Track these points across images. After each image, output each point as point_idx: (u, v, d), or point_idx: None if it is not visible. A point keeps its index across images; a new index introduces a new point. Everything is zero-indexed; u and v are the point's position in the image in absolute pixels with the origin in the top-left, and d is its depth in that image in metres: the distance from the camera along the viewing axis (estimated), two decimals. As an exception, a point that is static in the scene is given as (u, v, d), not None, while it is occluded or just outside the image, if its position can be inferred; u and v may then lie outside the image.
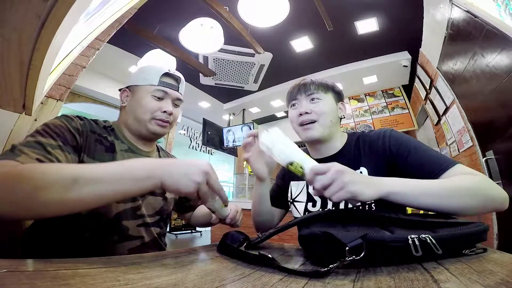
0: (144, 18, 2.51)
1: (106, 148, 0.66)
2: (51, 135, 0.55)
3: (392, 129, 0.71)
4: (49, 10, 0.38)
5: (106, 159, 0.64)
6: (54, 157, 0.52)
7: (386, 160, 0.65)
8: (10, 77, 0.56)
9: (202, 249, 0.58)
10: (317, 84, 0.75)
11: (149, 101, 0.72)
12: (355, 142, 0.74)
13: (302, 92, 0.76)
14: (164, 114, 0.73)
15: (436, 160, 0.58)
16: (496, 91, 1.62)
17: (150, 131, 0.73)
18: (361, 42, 3.23)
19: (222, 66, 3.69)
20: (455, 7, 1.95)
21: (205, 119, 4.90)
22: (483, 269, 0.33)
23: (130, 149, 0.72)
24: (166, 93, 0.74)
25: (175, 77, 0.78)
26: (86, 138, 0.62)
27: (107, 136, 0.68)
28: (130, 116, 0.73)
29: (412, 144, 0.64)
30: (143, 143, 0.77)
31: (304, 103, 0.74)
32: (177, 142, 5.98)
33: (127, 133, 0.75)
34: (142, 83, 0.74)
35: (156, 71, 0.74)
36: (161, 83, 0.74)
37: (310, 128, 0.72)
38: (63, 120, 0.60)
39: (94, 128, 0.66)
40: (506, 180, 1.66)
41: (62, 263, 0.34)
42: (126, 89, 0.76)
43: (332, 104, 0.76)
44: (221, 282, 0.32)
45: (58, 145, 0.54)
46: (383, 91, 4.29)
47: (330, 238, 0.40)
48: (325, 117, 0.72)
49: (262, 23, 2.19)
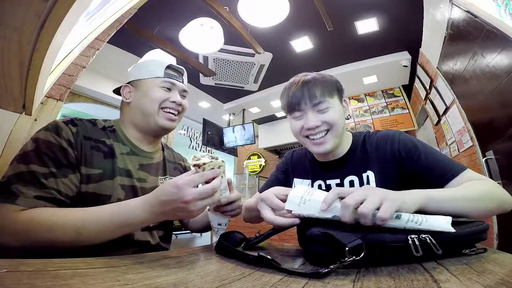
0: (144, 18, 2.52)
1: (105, 154, 0.64)
2: (42, 159, 0.53)
3: (401, 132, 0.69)
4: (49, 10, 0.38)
5: (107, 166, 0.63)
6: (51, 188, 0.52)
7: (394, 163, 0.64)
8: (10, 77, 0.55)
9: (202, 249, 0.58)
10: (322, 88, 0.66)
11: (157, 91, 0.71)
12: (361, 144, 0.71)
13: (306, 101, 0.65)
14: (174, 104, 0.73)
15: (446, 165, 0.58)
16: (496, 91, 1.62)
17: (159, 124, 0.71)
18: (361, 42, 3.23)
19: (222, 66, 3.69)
20: (455, 7, 1.95)
21: (205, 119, 4.90)
22: (483, 269, 0.33)
23: (132, 151, 0.71)
24: (173, 84, 0.74)
25: (178, 69, 0.77)
26: (81, 148, 0.60)
27: (105, 140, 0.66)
28: (137, 110, 0.72)
29: (421, 148, 0.63)
30: (148, 141, 0.75)
31: (310, 115, 0.65)
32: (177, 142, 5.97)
33: (131, 132, 0.73)
34: (147, 76, 0.72)
35: (160, 64, 0.74)
36: (167, 74, 0.73)
37: (321, 142, 0.65)
38: (53, 134, 0.57)
39: (90, 133, 0.63)
40: (506, 180, 1.66)
41: (62, 263, 0.34)
42: (128, 84, 0.74)
43: (340, 108, 0.68)
44: (221, 282, 0.32)
45: (50, 172, 0.53)
46: (383, 91, 4.29)
47: (330, 239, 0.40)
48: (337, 126, 0.65)
49: (262, 23, 2.19)
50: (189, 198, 0.46)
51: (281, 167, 0.87)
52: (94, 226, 0.48)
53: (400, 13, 2.71)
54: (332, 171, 0.72)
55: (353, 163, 0.69)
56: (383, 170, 0.64)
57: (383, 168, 0.65)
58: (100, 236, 0.48)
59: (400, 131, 0.70)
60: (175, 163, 0.87)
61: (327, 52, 3.47)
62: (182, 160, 0.92)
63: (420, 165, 0.61)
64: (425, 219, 0.39)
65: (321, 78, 0.68)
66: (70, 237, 0.46)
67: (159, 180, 0.75)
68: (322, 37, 3.15)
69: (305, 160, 0.81)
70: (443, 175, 0.57)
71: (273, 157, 6.32)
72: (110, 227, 0.48)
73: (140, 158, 0.72)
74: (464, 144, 2.29)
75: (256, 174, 6.36)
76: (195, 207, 0.47)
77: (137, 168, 0.70)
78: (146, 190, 0.70)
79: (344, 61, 3.76)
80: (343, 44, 3.31)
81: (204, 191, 0.48)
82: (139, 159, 0.72)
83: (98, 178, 0.60)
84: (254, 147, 6.11)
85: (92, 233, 0.47)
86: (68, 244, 0.46)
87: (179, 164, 0.89)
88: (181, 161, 0.91)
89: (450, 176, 0.56)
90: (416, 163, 0.61)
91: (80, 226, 0.47)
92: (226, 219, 0.63)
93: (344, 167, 0.70)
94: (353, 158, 0.70)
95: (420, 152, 0.62)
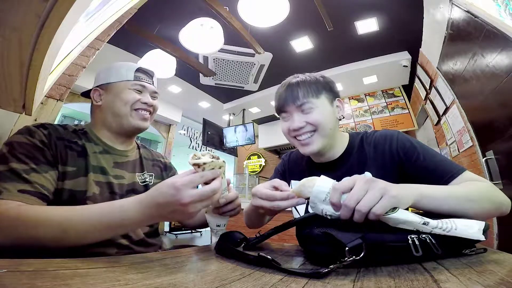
0: (144, 18, 2.51)
1: (78, 153, 0.65)
2: (20, 158, 0.54)
3: (399, 132, 0.68)
4: (49, 10, 0.38)
5: (80, 164, 0.64)
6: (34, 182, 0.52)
7: (393, 164, 0.64)
8: (10, 77, 0.55)
9: (202, 249, 0.58)
10: (305, 89, 0.66)
11: (128, 93, 0.73)
12: (358, 144, 0.71)
13: (289, 102, 0.66)
14: (145, 105, 0.75)
15: (445, 166, 0.58)
16: (496, 91, 1.62)
17: (132, 124, 0.73)
18: (361, 42, 3.23)
19: (222, 66, 3.69)
20: (455, 7, 1.95)
21: (205, 119, 4.90)
22: (483, 269, 0.33)
23: (105, 150, 0.72)
24: (144, 87, 0.77)
25: (148, 72, 0.80)
26: (56, 147, 0.61)
27: (77, 141, 0.67)
28: (108, 113, 0.73)
29: (420, 148, 0.63)
30: (122, 141, 0.77)
31: (295, 116, 0.66)
32: (177, 142, 5.98)
33: (103, 134, 0.74)
34: (117, 79, 0.74)
35: (128, 67, 0.76)
36: (137, 77, 0.76)
37: (308, 143, 0.66)
38: (26, 136, 0.58)
39: (61, 134, 0.65)
40: (506, 180, 1.66)
41: (62, 263, 0.34)
42: (98, 88, 0.75)
43: (327, 108, 0.67)
44: (221, 282, 0.32)
45: (31, 168, 0.54)
46: (383, 91, 4.29)
47: (330, 238, 0.40)
48: (322, 127, 0.65)
49: (262, 23, 2.19)
50: (188, 200, 0.43)
51: (279, 170, 0.87)
52: (81, 225, 0.45)
53: (400, 13, 2.71)
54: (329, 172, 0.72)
55: (351, 163, 0.69)
56: (382, 171, 0.64)
57: (382, 169, 0.64)
58: (88, 236, 0.46)
59: (399, 131, 0.70)
60: (154, 160, 0.88)
61: (327, 52, 3.47)
62: (161, 157, 0.93)
63: (418, 166, 0.60)
64: (455, 226, 0.37)
65: (307, 79, 0.68)
66: (55, 236, 0.44)
67: (137, 176, 0.76)
68: (322, 37, 3.15)
69: (301, 161, 0.81)
70: (442, 177, 0.57)
71: (273, 157, 6.32)
72: (98, 227, 0.46)
73: (114, 156, 0.73)
74: (464, 144, 2.29)
75: (256, 174, 6.36)
76: (194, 209, 0.44)
77: (112, 166, 0.71)
78: (124, 186, 0.72)
79: (344, 61, 3.76)
80: (343, 44, 3.31)
81: (204, 193, 0.45)
82: (113, 157, 0.73)
83: (73, 175, 0.62)
84: (254, 147, 6.11)
85: (79, 233, 0.45)
86: (52, 242, 0.44)
87: (158, 160, 0.89)
88: (161, 158, 0.92)
89: (449, 178, 0.56)
90: (414, 164, 0.61)
91: (67, 224, 0.45)
92: (225, 219, 0.62)
93: (341, 168, 0.70)
94: (350, 159, 0.70)
95: (419, 153, 0.62)
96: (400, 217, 0.38)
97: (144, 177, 0.78)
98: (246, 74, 3.90)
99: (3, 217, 0.45)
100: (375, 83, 4.11)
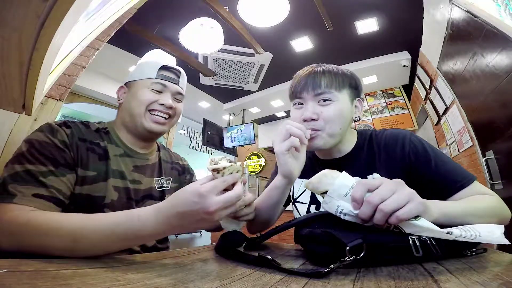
0: (144, 18, 2.51)
1: (100, 156, 0.63)
2: (39, 159, 0.51)
3: (411, 133, 0.65)
4: (49, 10, 0.38)
5: (101, 168, 0.62)
6: (50, 186, 0.50)
7: (403, 167, 0.61)
8: (10, 77, 0.55)
9: (202, 249, 0.58)
10: (330, 79, 0.61)
11: (145, 93, 0.68)
12: (367, 143, 0.68)
13: (309, 89, 0.61)
14: (162, 107, 0.69)
15: (456, 174, 0.58)
16: (496, 91, 1.62)
17: (145, 127, 0.68)
18: (361, 42, 3.22)
19: (222, 66, 3.68)
20: (455, 7, 1.95)
21: (205, 119, 4.90)
22: (483, 269, 0.33)
23: (126, 153, 0.70)
24: (164, 86, 0.71)
25: (174, 71, 0.74)
26: (77, 150, 0.58)
27: (99, 142, 0.65)
28: (126, 112, 0.70)
29: (431, 153, 0.60)
30: (141, 144, 0.74)
31: (310, 105, 0.61)
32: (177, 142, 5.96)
33: (123, 134, 0.72)
34: (139, 77, 0.71)
35: (153, 65, 0.72)
36: (159, 76, 0.70)
37: (314, 137, 0.62)
38: (48, 134, 0.55)
39: (84, 135, 0.63)
40: (506, 180, 1.66)
41: (62, 263, 0.35)
42: (124, 86, 0.73)
43: (346, 106, 0.63)
44: (221, 282, 0.32)
45: (49, 170, 0.51)
46: (383, 91, 4.28)
47: (330, 238, 0.40)
48: (333, 125, 0.61)
49: (262, 23, 2.19)
50: (215, 208, 0.39)
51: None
52: (94, 235, 0.41)
53: (400, 13, 2.71)
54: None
55: (358, 163, 0.66)
56: (391, 173, 0.60)
57: (391, 171, 0.61)
58: (100, 246, 0.42)
59: (411, 132, 0.66)
60: (172, 162, 0.86)
61: (327, 52, 3.47)
62: (180, 160, 0.91)
63: (430, 171, 0.59)
64: (478, 233, 0.36)
65: (334, 70, 0.64)
66: (66, 245, 0.41)
67: (154, 181, 0.74)
68: (322, 37, 3.15)
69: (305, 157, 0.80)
70: (452, 185, 0.56)
71: (273, 157, 6.31)
72: (112, 238, 0.42)
73: (134, 159, 0.71)
74: (464, 144, 2.28)
75: (256, 174, 6.36)
76: (219, 217, 0.41)
77: (131, 170, 0.69)
78: (141, 191, 0.69)
79: (344, 61, 3.75)
80: (343, 44, 3.31)
81: (229, 199, 0.41)
82: (133, 160, 0.71)
83: (92, 180, 0.59)
84: (254, 147, 6.11)
85: (91, 243, 0.41)
86: (62, 252, 0.41)
87: (177, 163, 0.87)
88: (179, 160, 0.90)
89: (459, 187, 0.55)
90: (425, 169, 0.59)
91: (78, 234, 0.41)
92: (241, 224, 0.59)
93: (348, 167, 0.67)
94: (358, 158, 0.67)
95: (430, 159, 0.59)
96: (424, 225, 0.36)
97: (162, 182, 0.76)
98: (246, 74, 3.90)
99: (12, 223, 0.43)
100: (375, 83, 4.11)
